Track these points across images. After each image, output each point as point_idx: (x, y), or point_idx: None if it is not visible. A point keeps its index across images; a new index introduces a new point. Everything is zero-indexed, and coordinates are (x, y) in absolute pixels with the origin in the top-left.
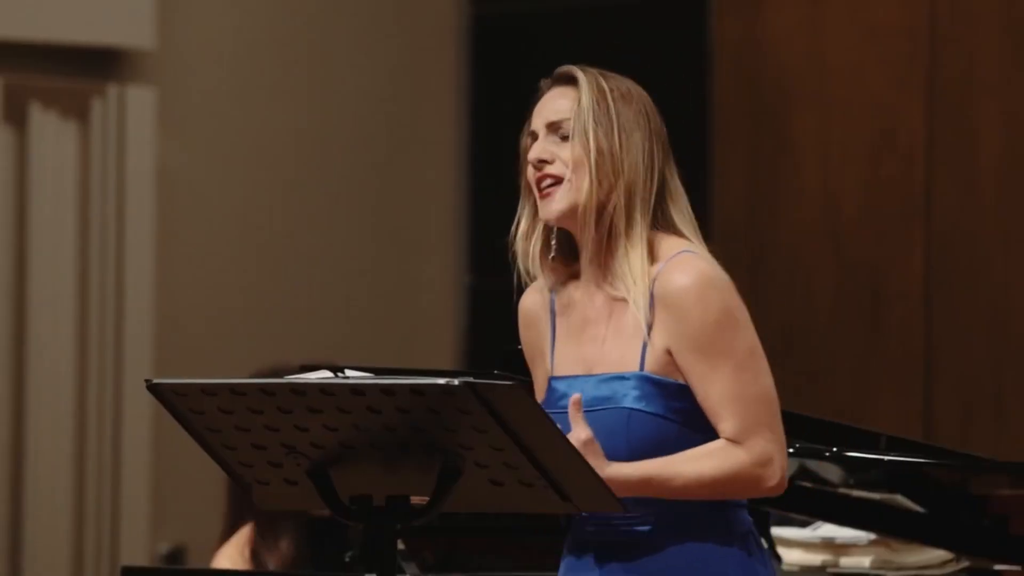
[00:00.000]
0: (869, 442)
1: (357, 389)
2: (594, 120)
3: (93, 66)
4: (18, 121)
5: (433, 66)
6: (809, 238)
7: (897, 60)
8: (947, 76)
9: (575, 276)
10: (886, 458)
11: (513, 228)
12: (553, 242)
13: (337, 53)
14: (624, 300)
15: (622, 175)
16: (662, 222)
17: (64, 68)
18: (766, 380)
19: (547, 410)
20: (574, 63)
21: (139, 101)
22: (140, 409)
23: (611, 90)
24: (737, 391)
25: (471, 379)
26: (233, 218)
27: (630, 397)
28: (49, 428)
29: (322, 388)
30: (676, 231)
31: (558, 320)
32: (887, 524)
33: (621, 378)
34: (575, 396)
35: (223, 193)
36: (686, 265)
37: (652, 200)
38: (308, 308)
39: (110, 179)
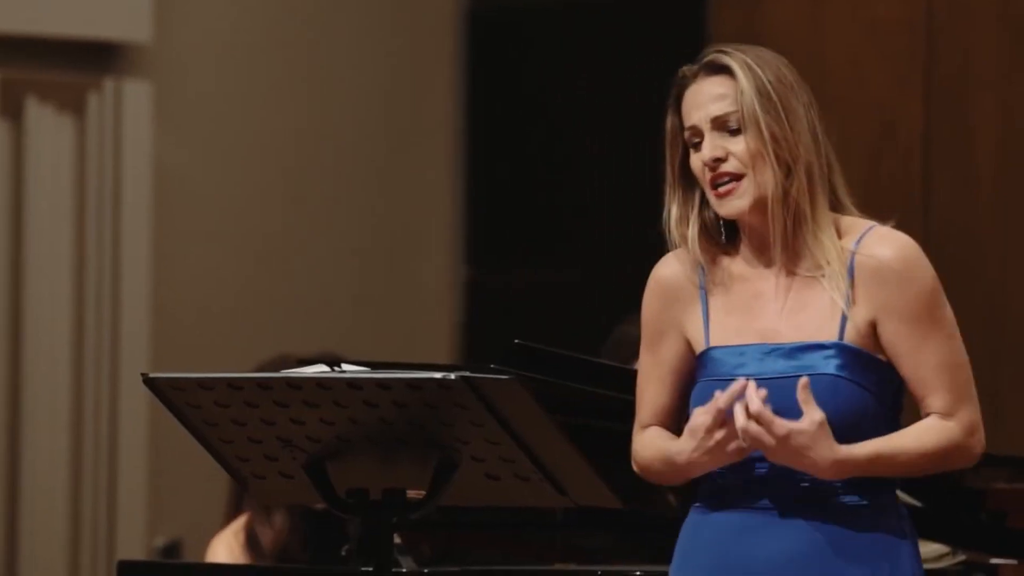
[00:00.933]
0: None
1: (354, 383)
2: (762, 109)
3: (90, 60)
4: (14, 115)
5: (431, 61)
6: None
7: (895, 55)
8: (945, 71)
9: (725, 254)
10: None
11: (665, 214)
12: (722, 230)
13: (335, 48)
14: (810, 277)
15: (800, 158)
16: (833, 199)
17: (60, 62)
18: (965, 352)
19: (710, 379)
20: (572, 58)
21: (135, 95)
22: (136, 403)
23: (764, 72)
24: (949, 360)
25: (468, 373)
26: (230, 213)
27: (832, 365)
28: (45, 422)
29: (319, 382)
30: (846, 210)
31: (712, 295)
32: None
33: (820, 346)
34: (804, 380)
35: (220, 188)
36: (889, 238)
37: (827, 173)
38: (305, 303)
39: (106, 173)
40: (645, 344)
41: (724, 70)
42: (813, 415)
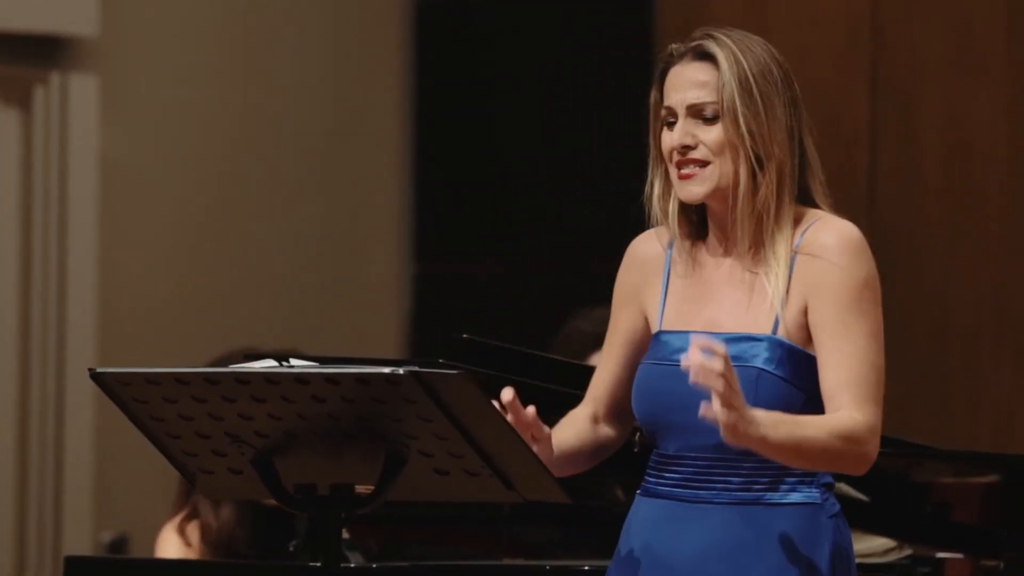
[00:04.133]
0: None
1: (302, 378)
2: (741, 103)
3: (36, 54)
4: None
5: (378, 52)
6: None
7: (840, 48)
8: (890, 64)
9: (699, 237)
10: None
11: (647, 188)
12: (695, 215)
13: (281, 41)
14: (759, 275)
15: (774, 156)
16: (802, 198)
17: (5, 56)
18: (883, 359)
19: (653, 362)
20: (520, 51)
21: (82, 89)
22: (83, 398)
23: (750, 65)
24: (864, 358)
25: (416, 368)
26: (176, 207)
27: (760, 358)
28: None
29: (267, 377)
30: (812, 202)
31: (673, 278)
32: None
33: (752, 339)
34: (722, 348)
35: (166, 182)
36: (835, 224)
37: (798, 174)
38: (252, 297)
39: (52, 167)
40: (612, 313)
41: (710, 57)
42: (716, 364)
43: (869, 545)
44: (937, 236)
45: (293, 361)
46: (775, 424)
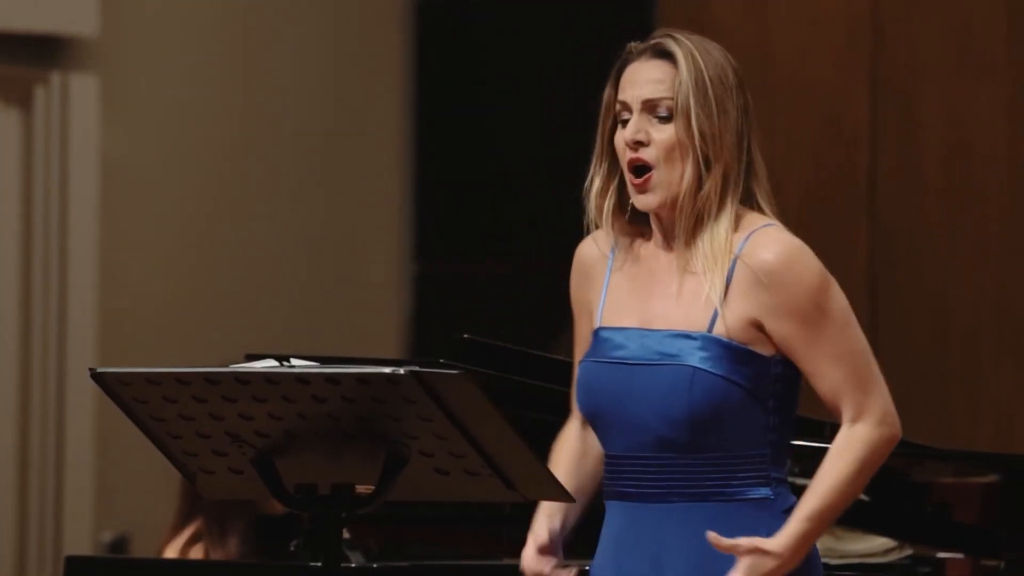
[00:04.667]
0: (813, 430)
1: (302, 378)
2: (696, 103)
3: (36, 54)
4: None
5: (378, 52)
6: None
7: (841, 48)
8: (890, 64)
9: (641, 235)
10: (830, 446)
11: (587, 183)
12: (630, 208)
13: (281, 41)
14: (695, 273)
15: (721, 158)
16: (745, 199)
17: (6, 56)
18: (863, 338)
19: (593, 359)
20: (520, 52)
21: (82, 89)
22: (84, 398)
23: (707, 67)
24: (845, 349)
25: (416, 368)
26: (177, 207)
27: (696, 356)
28: None
29: (267, 377)
30: (756, 205)
31: (613, 275)
32: None
33: (687, 336)
34: (711, 535)
35: (167, 182)
36: (772, 238)
37: (742, 179)
38: (253, 297)
39: (53, 167)
40: (574, 324)
41: (668, 56)
42: (740, 555)
43: (869, 545)
44: (937, 236)
45: (293, 361)
46: (805, 518)
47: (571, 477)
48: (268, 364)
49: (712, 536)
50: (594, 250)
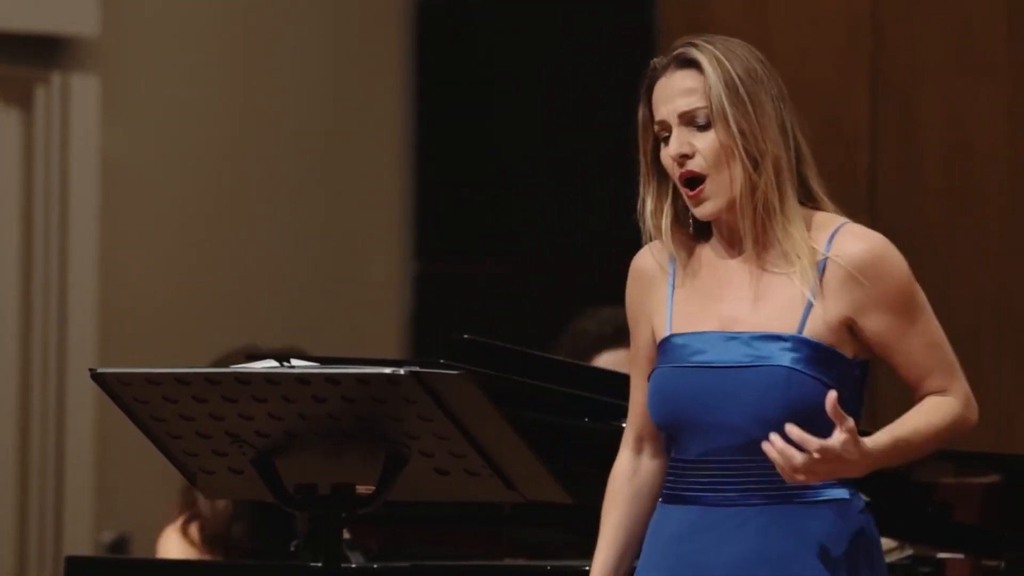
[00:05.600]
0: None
1: (302, 378)
2: (730, 103)
3: (37, 54)
4: None
5: (378, 52)
6: None
7: (841, 48)
8: (890, 64)
9: (699, 244)
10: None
11: (640, 206)
12: (691, 221)
13: (282, 41)
14: (778, 271)
15: (768, 152)
16: (803, 191)
17: (6, 56)
18: (941, 329)
19: (669, 365)
20: (521, 52)
21: (83, 89)
22: (84, 398)
23: (733, 66)
24: (935, 339)
25: (417, 368)
26: (177, 206)
27: (787, 357)
28: None
29: (267, 377)
30: (817, 201)
31: (679, 285)
32: None
33: (777, 338)
34: (832, 394)
35: (167, 182)
36: (860, 234)
37: (795, 165)
38: (253, 298)
39: (54, 168)
40: (631, 333)
41: (693, 64)
42: (842, 428)
43: None
44: (937, 236)
45: (294, 361)
46: (893, 440)
47: (623, 531)
48: (268, 364)
49: (830, 400)
50: (651, 260)
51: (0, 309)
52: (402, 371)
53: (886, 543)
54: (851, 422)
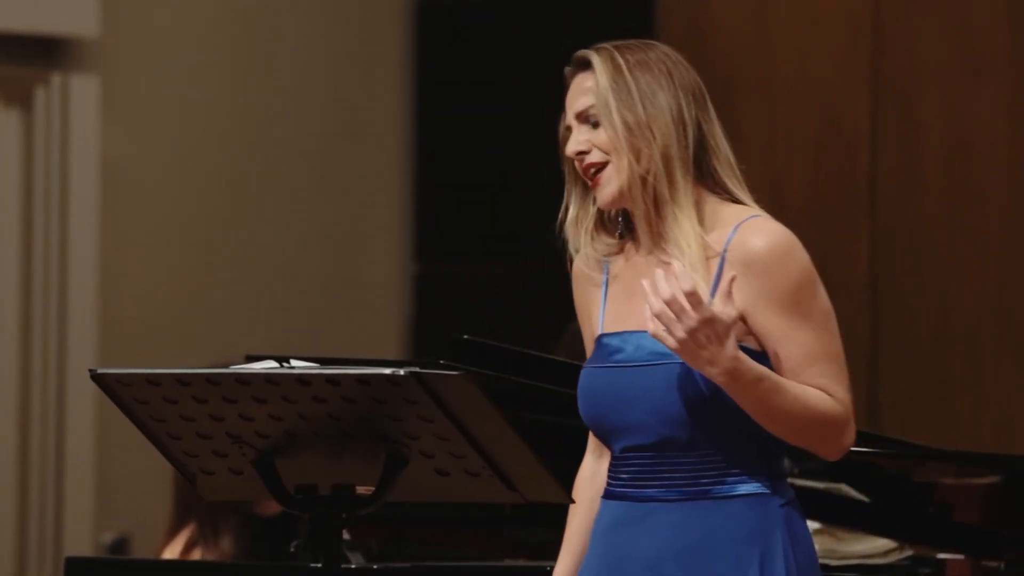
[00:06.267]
0: None
1: (303, 379)
2: (614, 98)
3: (37, 54)
4: None
5: (378, 52)
6: None
7: (841, 49)
8: (891, 65)
9: (628, 242)
10: None
11: (561, 214)
12: (620, 220)
13: (281, 42)
14: (671, 262)
15: (654, 141)
16: (711, 183)
17: (7, 56)
18: (840, 343)
19: (594, 366)
20: (521, 53)
21: (83, 90)
22: (84, 399)
23: (626, 61)
24: (820, 349)
25: (417, 369)
26: (177, 207)
27: None
28: None
29: (267, 378)
30: (730, 194)
31: (611, 284)
32: (831, 513)
33: None
34: (731, 275)
35: (167, 182)
36: (762, 228)
37: (691, 156)
38: (253, 298)
39: (54, 168)
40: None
41: (589, 65)
42: (729, 310)
43: (870, 546)
44: (937, 236)
45: (294, 362)
46: (750, 363)
47: (581, 537)
48: (268, 365)
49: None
50: (590, 263)
51: (0, 309)
52: (402, 372)
53: (886, 543)
54: (734, 311)
